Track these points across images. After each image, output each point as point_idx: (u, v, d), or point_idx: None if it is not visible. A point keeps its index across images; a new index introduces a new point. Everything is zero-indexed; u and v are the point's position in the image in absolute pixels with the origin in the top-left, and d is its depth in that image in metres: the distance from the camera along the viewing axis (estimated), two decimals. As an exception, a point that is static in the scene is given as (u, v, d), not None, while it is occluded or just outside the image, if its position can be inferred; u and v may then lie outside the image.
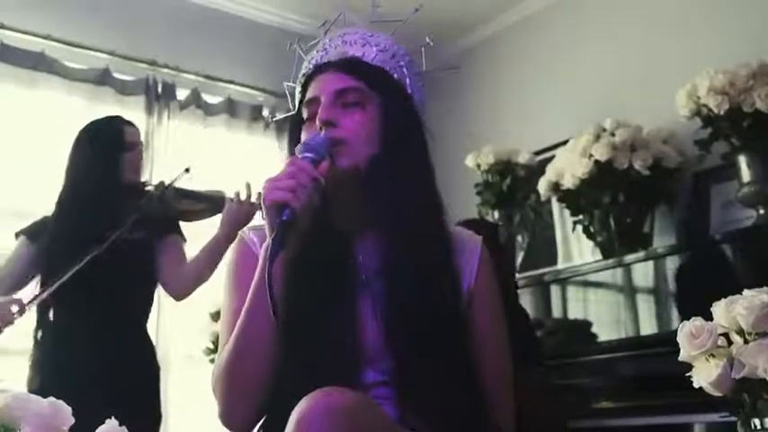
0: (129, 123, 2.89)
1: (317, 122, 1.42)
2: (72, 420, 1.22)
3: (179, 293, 2.86)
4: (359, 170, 1.40)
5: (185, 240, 2.91)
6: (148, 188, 2.85)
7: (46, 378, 2.54)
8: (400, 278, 1.40)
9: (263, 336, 1.32)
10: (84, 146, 2.77)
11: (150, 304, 2.85)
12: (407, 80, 1.55)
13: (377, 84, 1.47)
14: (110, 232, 2.59)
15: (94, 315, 2.61)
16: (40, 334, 2.64)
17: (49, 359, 2.60)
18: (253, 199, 2.76)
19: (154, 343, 2.92)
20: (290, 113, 1.59)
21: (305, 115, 1.49)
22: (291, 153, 1.47)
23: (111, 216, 2.64)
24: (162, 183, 2.84)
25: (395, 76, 1.53)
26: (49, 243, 2.66)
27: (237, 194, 2.77)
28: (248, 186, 2.79)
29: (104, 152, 2.76)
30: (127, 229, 2.61)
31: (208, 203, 2.88)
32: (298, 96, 1.58)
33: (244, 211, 2.75)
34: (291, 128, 1.54)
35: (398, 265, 1.41)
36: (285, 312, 1.32)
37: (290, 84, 1.64)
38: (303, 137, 1.47)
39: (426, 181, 1.49)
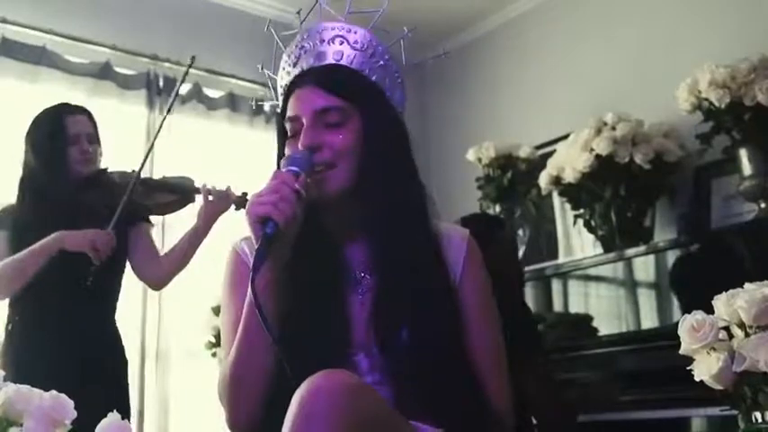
0: (75, 111, 2.78)
1: (300, 148, 1.42)
2: (74, 414, 1.23)
3: (157, 283, 2.88)
4: (343, 192, 1.43)
5: (153, 226, 2.91)
6: (112, 174, 2.78)
7: (15, 371, 2.53)
8: (390, 277, 1.43)
9: (260, 348, 1.34)
10: (31, 138, 2.74)
11: (118, 294, 2.81)
12: (387, 80, 1.54)
13: (357, 98, 1.47)
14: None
15: (64, 306, 2.59)
16: (10, 326, 2.62)
17: (20, 351, 2.58)
18: (225, 189, 2.80)
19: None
20: (275, 102, 1.59)
21: (288, 131, 1.49)
22: (278, 164, 1.48)
23: (67, 208, 2.63)
24: (130, 172, 2.78)
25: (373, 77, 1.52)
26: (17, 232, 2.64)
27: (213, 188, 2.79)
28: (213, 187, 2.82)
29: (46, 146, 2.70)
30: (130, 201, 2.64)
31: (178, 195, 2.85)
32: (281, 99, 1.58)
33: (220, 205, 2.79)
34: (278, 140, 1.54)
35: (386, 260, 1.44)
36: (278, 312, 1.35)
37: (273, 75, 1.63)
38: (287, 152, 1.47)
39: (411, 183, 1.51)
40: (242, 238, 1.53)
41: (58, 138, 2.70)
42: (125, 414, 2.63)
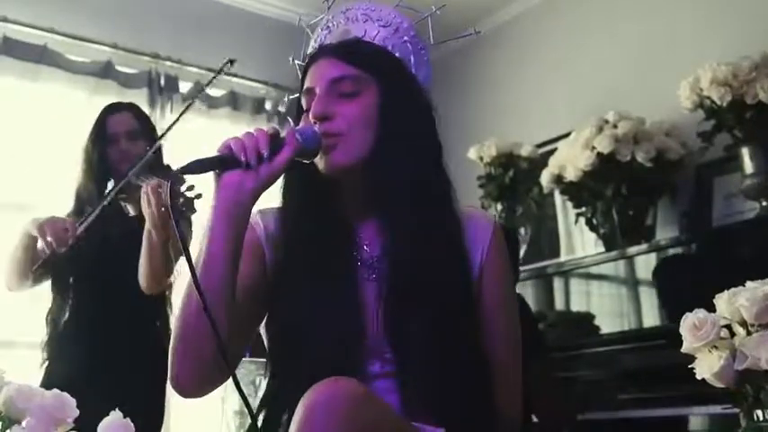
0: (119, 110, 2.76)
1: (311, 117, 1.39)
2: (76, 413, 1.23)
3: (143, 285, 2.60)
4: (353, 165, 1.39)
5: None
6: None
7: (58, 365, 2.54)
8: (403, 263, 1.38)
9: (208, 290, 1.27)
10: (84, 145, 2.74)
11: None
12: (411, 57, 1.51)
13: (375, 68, 1.43)
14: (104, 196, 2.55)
15: (109, 304, 2.60)
16: (58, 319, 2.63)
17: (64, 346, 2.59)
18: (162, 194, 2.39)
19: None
20: (297, 96, 1.55)
21: (304, 105, 1.46)
22: None
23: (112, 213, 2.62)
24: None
25: (397, 54, 1.49)
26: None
27: (146, 192, 2.37)
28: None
29: (90, 148, 2.70)
30: (116, 192, 2.53)
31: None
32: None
33: (156, 210, 2.36)
34: (296, 116, 1.50)
35: (400, 249, 1.39)
36: (288, 302, 1.34)
37: (300, 63, 1.58)
38: (302, 125, 1.44)
39: (430, 162, 1.45)
40: (259, 210, 1.49)
41: (99, 140, 2.69)
42: (160, 415, 2.70)
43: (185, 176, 1.76)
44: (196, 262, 1.29)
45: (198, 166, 1.30)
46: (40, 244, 2.48)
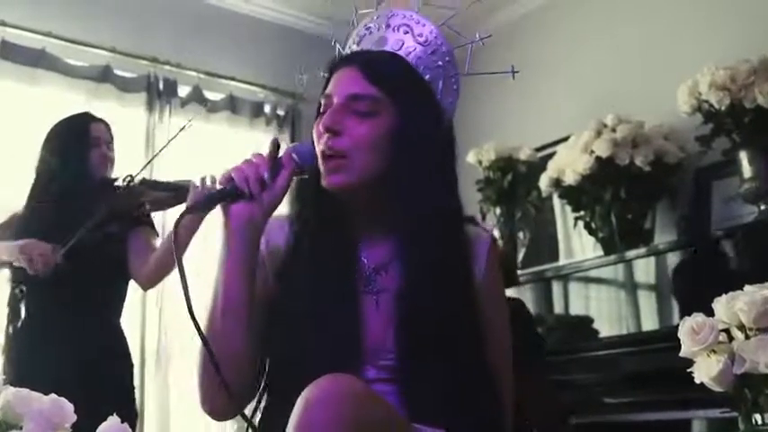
0: (97, 120, 2.88)
1: (321, 128, 1.38)
2: (74, 417, 1.23)
3: (143, 282, 2.81)
4: (351, 186, 1.38)
5: (158, 234, 2.90)
6: (117, 183, 2.81)
7: (19, 374, 2.54)
8: (409, 276, 1.39)
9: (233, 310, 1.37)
10: (52, 144, 2.79)
11: (123, 300, 2.83)
12: (440, 83, 1.49)
13: (397, 92, 1.40)
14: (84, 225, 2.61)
15: (66, 310, 2.61)
16: (12, 328, 2.65)
17: (22, 354, 2.60)
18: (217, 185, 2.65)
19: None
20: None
21: (321, 107, 1.44)
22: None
23: (81, 212, 2.64)
24: (129, 175, 2.80)
25: (427, 76, 1.48)
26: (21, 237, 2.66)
27: (202, 180, 2.65)
28: (212, 177, 2.67)
29: (70, 149, 2.76)
30: (96, 223, 2.61)
31: (173, 192, 2.80)
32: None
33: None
34: (317, 115, 1.47)
35: (406, 262, 1.40)
36: (289, 309, 1.35)
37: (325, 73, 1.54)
38: (314, 130, 1.43)
39: (440, 191, 1.43)
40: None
41: (82, 140, 2.79)
42: (130, 418, 2.67)
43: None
44: (214, 290, 1.40)
45: (204, 204, 1.40)
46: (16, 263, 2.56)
